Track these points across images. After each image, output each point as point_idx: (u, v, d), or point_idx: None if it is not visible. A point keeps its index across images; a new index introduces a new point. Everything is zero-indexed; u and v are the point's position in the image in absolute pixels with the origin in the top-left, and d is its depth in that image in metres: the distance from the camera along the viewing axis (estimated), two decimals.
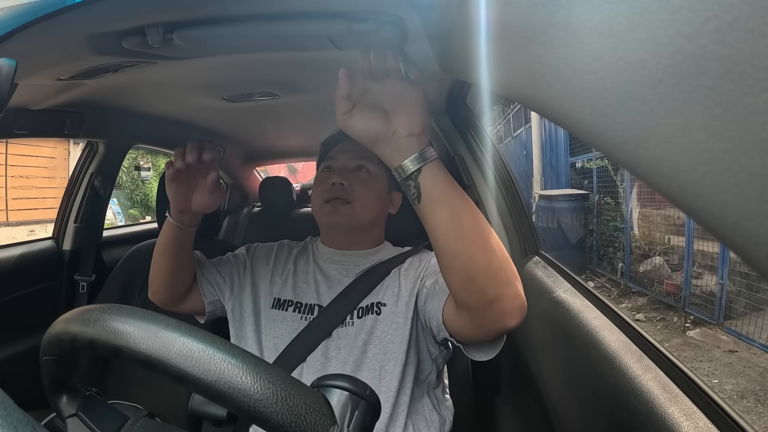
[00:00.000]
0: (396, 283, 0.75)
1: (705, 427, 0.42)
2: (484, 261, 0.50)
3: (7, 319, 1.16)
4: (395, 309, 0.72)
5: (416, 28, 0.56)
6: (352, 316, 0.74)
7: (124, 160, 1.48)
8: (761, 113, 0.13)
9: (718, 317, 3.03)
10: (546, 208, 4.71)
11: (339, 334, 0.72)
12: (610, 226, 4.35)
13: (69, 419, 0.40)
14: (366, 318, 0.73)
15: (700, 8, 0.14)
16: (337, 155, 0.82)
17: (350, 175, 0.80)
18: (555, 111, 0.25)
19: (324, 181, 0.80)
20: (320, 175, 0.83)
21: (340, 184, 0.78)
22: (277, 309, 0.77)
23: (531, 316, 0.86)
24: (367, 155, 0.79)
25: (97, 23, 0.55)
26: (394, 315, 0.72)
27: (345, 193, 0.78)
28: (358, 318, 0.73)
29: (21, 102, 0.94)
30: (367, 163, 0.81)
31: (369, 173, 0.81)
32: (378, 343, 0.71)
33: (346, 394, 0.33)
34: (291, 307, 0.77)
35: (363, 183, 0.79)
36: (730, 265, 2.96)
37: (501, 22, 0.29)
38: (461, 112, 1.05)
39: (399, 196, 0.85)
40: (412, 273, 0.75)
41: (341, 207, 0.77)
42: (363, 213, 0.79)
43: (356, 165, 0.81)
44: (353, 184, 0.78)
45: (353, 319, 0.73)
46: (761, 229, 0.14)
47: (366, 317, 0.73)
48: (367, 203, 0.79)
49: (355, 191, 0.78)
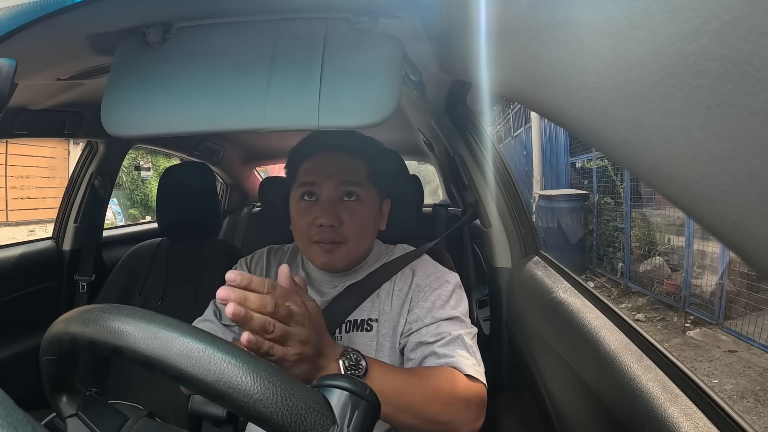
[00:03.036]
0: (388, 301, 0.71)
1: (705, 427, 0.42)
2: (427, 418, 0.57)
3: (7, 319, 1.16)
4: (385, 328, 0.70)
5: (416, 28, 0.56)
6: (340, 330, 0.70)
7: (124, 160, 1.48)
8: (761, 113, 0.13)
9: (718, 317, 3.03)
10: (546, 208, 4.71)
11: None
12: (610, 226, 4.35)
13: (69, 419, 0.40)
14: (354, 334, 0.70)
15: (700, 8, 0.14)
16: (319, 179, 0.69)
17: (339, 207, 0.69)
18: (555, 111, 0.25)
19: (307, 214, 0.69)
20: (301, 205, 0.70)
21: (329, 225, 0.67)
22: None
23: (531, 316, 0.87)
24: (353, 174, 0.70)
25: (97, 23, 0.55)
26: (385, 335, 0.69)
27: (336, 234, 0.68)
28: (346, 332, 0.70)
29: (21, 102, 0.94)
30: (355, 187, 0.70)
31: (359, 200, 0.70)
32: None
33: (346, 394, 0.33)
34: None
35: (354, 216, 0.69)
36: (730, 265, 2.96)
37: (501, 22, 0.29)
38: (461, 112, 1.05)
39: (388, 204, 0.78)
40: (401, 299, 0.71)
41: (335, 250, 0.69)
42: (357, 249, 0.71)
43: (344, 192, 0.70)
44: (344, 222, 0.68)
45: (341, 334, 0.70)
46: (761, 229, 0.14)
47: (354, 333, 0.70)
48: (361, 238, 0.71)
49: (347, 230, 0.68)
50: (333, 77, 0.50)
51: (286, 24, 0.53)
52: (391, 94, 0.50)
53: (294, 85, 0.50)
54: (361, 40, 0.52)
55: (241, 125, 0.50)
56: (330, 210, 0.67)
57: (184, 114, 0.51)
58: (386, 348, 0.69)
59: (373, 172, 0.73)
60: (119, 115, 0.52)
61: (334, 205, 0.68)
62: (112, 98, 0.52)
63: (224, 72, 0.52)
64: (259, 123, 0.49)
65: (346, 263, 0.71)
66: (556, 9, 0.22)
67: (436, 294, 0.70)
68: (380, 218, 0.76)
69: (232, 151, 1.99)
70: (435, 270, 0.74)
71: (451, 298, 0.70)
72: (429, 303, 0.69)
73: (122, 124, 0.52)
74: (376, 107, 0.49)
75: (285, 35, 0.53)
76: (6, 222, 5.94)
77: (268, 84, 0.50)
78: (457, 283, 0.73)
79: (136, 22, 0.54)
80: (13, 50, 0.51)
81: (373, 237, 0.76)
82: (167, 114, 0.51)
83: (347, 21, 0.53)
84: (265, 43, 0.53)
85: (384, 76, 0.50)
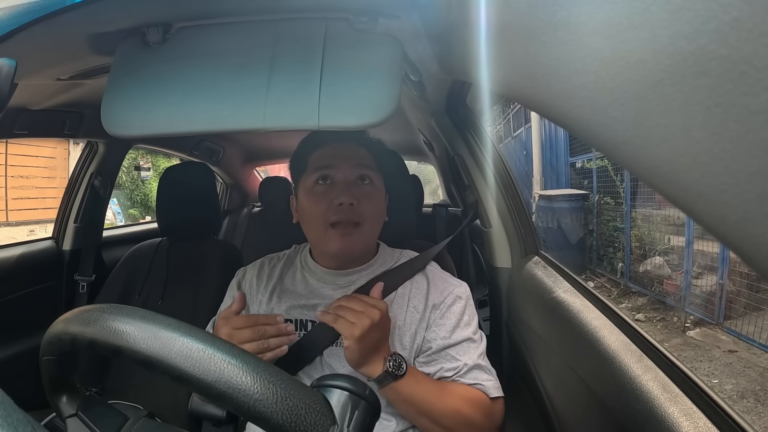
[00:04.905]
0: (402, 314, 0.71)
1: (705, 427, 0.42)
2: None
3: (7, 319, 1.16)
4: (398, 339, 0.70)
5: (416, 28, 0.56)
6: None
7: (124, 160, 1.48)
8: (761, 113, 0.13)
9: (718, 317, 3.03)
10: (546, 208, 4.71)
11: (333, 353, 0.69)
12: (610, 226, 4.35)
13: (69, 419, 0.40)
14: None
15: (700, 8, 0.14)
16: (335, 162, 0.70)
17: (354, 189, 0.69)
18: (555, 111, 0.25)
19: (324, 198, 0.68)
20: (317, 189, 0.69)
21: (349, 204, 0.67)
22: None
23: (531, 316, 0.87)
24: (366, 159, 0.72)
25: (97, 23, 0.55)
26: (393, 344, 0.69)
27: (354, 214, 0.67)
28: None
29: (21, 102, 0.94)
30: (369, 171, 0.71)
31: (372, 184, 0.71)
32: None
33: (346, 394, 0.33)
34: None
35: (369, 198, 0.70)
36: (730, 265, 2.96)
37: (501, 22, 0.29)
38: (461, 112, 1.05)
39: (387, 198, 0.78)
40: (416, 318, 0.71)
41: (353, 231, 0.68)
42: (372, 233, 0.71)
43: (359, 175, 0.70)
44: (361, 202, 0.68)
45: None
46: (761, 229, 0.14)
47: None
48: (375, 221, 0.71)
49: (363, 210, 0.68)
50: (333, 77, 0.50)
51: (286, 24, 0.53)
52: (391, 94, 0.50)
53: (294, 85, 0.50)
54: (361, 40, 0.52)
55: (241, 125, 0.50)
56: (348, 189, 0.68)
57: (184, 114, 0.51)
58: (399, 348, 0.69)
59: (379, 163, 0.75)
60: (119, 115, 0.52)
61: (351, 186, 0.69)
62: (112, 98, 0.52)
63: (224, 72, 0.52)
64: (259, 123, 0.49)
65: (360, 247, 0.71)
66: (556, 9, 0.22)
67: (452, 311, 0.71)
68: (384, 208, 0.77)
69: (232, 151, 1.99)
70: (447, 285, 0.74)
71: (464, 314, 0.71)
72: (445, 324, 0.70)
73: (122, 124, 0.52)
74: (376, 107, 0.49)
75: (285, 35, 0.53)
76: (6, 222, 5.94)
77: (268, 84, 0.50)
78: (468, 296, 0.74)
79: (136, 22, 0.54)
80: (13, 50, 0.51)
81: (381, 226, 0.75)
82: (167, 114, 0.51)
83: (347, 21, 0.53)
84: (265, 43, 0.53)
85: (384, 76, 0.50)
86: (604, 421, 0.56)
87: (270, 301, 0.74)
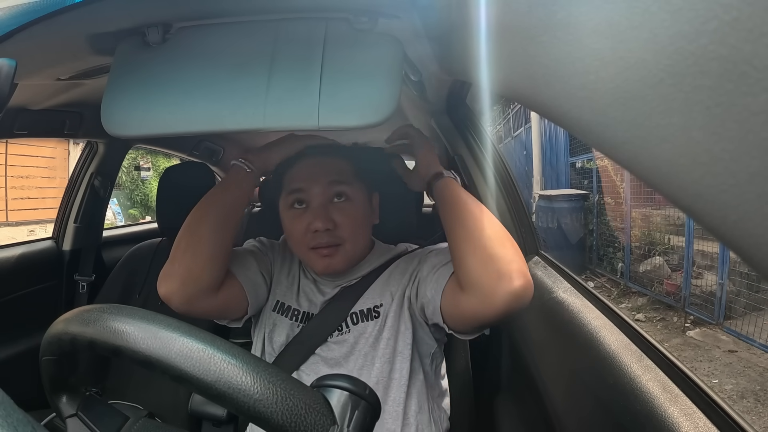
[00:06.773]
0: (391, 281, 0.72)
1: (705, 427, 0.42)
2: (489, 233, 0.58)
3: (7, 319, 1.16)
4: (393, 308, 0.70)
5: (416, 28, 0.56)
6: (347, 323, 0.71)
7: (124, 160, 1.48)
8: (761, 113, 0.13)
9: (718, 317, 3.02)
10: (546, 208, 4.71)
11: (333, 343, 0.70)
12: (611, 226, 4.35)
13: (69, 419, 0.40)
14: (363, 325, 0.71)
15: (700, 8, 0.14)
16: (307, 185, 0.69)
17: (330, 209, 0.68)
18: (555, 111, 0.25)
19: (302, 221, 0.68)
20: (292, 212, 0.69)
21: (325, 230, 0.66)
22: (279, 313, 0.74)
23: (531, 316, 0.87)
24: (342, 173, 0.70)
25: (97, 23, 0.55)
26: (394, 317, 0.70)
27: (333, 237, 0.67)
28: (354, 324, 0.71)
29: (21, 102, 0.94)
30: (344, 186, 0.69)
31: (348, 200, 0.70)
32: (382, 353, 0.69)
33: (346, 394, 0.33)
34: (289, 312, 0.74)
35: (347, 216, 0.68)
36: (730, 265, 2.95)
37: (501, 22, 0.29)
38: (461, 112, 1.05)
39: (377, 197, 0.77)
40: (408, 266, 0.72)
41: (335, 252, 0.68)
42: (355, 248, 0.70)
43: (334, 194, 0.69)
44: (338, 223, 0.68)
45: (349, 327, 0.71)
46: (761, 229, 0.14)
47: (363, 323, 0.71)
48: (358, 237, 0.70)
49: (343, 231, 0.68)
50: (333, 77, 0.50)
51: (286, 24, 0.53)
52: (391, 94, 0.50)
53: (294, 84, 0.50)
54: (361, 40, 0.52)
55: (241, 125, 0.50)
56: (322, 214, 0.67)
57: (184, 114, 0.51)
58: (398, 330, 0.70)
59: (358, 169, 0.73)
60: (119, 115, 0.52)
61: (325, 209, 0.68)
62: (112, 98, 0.52)
63: (224, 72, 0.52)
64: (259, 123, 0.49)
65: (345, 265, 0.71)
66: (555, 9, 0.22)
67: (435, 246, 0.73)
68: (372, 212, 0.75)
69: (232, 151, 1.99)
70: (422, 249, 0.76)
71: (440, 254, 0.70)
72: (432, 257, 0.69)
73: (122, 124, 0.52)
74: (376, 107, 0.49)
75: (285, 35, 0.53)
76: (6, 222, 5.94)
77: (268, 84, 0.50)
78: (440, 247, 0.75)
79: (136, 22, 0.54)
80: (13, 50, 0.51)
81: (369, 232, 0.75)
82: (167, 114, 0.51)
83: (347, 21, 0.53)
84: (264, 43, 0.53)
85: (384, 76, 0.50)
86: (604, 421, 0.56)
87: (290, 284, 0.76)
